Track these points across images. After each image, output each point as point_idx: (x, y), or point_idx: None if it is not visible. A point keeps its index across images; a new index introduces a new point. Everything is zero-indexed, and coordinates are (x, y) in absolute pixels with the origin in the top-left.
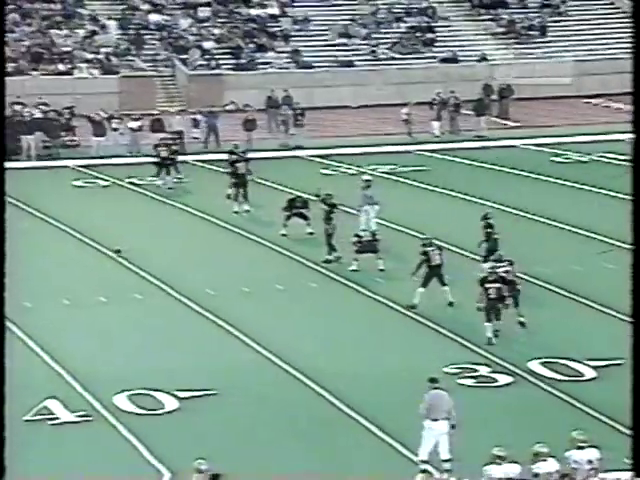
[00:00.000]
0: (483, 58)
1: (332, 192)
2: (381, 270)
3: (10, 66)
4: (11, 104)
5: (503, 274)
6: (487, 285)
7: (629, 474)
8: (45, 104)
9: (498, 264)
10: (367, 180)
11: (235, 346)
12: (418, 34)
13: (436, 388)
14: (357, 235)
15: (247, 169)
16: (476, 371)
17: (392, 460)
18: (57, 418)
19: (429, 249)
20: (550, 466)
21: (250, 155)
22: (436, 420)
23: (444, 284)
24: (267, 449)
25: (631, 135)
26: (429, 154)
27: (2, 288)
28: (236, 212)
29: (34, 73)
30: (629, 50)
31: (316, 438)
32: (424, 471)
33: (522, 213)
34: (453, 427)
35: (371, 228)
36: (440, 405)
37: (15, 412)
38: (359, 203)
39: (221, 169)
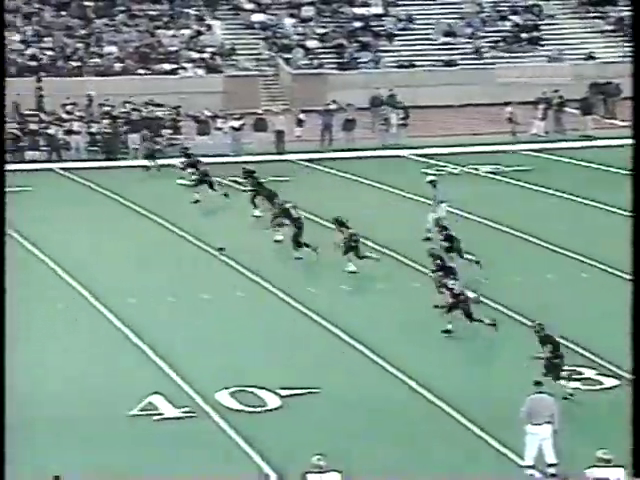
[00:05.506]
0: (590, 56)
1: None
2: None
3: (118, 66)
4: (123, 103)
5: None
6: None
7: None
8: (159, 105)
9: None
10: (432, 180)
11: (336, 344)
12: (524, 32)
13: (540, 392)
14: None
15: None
16: (581, 374)
17: (495, 461)
18: (161, 414)
19: None
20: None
21: (350, 155)
22: (538, 424)
23: None
24: (369, 448)
25: (631, 140)
26: (533, 154)
27: (2, 288)
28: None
29: (141, 72)
30: None
31: (416, 437)
32: None
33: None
34: (555, 432)
35: (427, 225)
36: (541, 409)
37: (120, 407)
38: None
39: (333, 169)
